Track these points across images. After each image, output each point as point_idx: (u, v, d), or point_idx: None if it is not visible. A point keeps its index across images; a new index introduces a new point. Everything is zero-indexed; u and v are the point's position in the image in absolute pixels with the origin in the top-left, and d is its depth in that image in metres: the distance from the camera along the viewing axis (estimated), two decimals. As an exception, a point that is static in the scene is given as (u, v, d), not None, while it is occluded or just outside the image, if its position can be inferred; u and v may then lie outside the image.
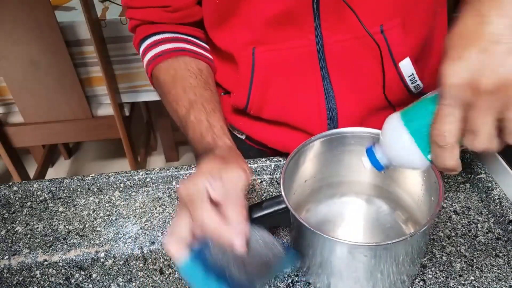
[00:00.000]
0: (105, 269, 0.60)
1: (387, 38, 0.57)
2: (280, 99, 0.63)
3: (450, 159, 0.38)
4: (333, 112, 0.63)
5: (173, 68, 0.63)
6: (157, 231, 0.62)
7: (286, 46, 0.60)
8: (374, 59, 0.59)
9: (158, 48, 0.64)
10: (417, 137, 0.40)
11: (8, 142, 1.61)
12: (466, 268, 0.54)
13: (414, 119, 0.41)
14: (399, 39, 0.57)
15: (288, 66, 0.61)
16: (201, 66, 0.65)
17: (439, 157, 0.39)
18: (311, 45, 0.59)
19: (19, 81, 1.47)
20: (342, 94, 0.62)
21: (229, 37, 0.63)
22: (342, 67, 0.60)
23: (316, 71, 0.61)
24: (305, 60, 0.60)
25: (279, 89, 0.63)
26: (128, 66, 1.58)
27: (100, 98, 1.62)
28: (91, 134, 1.67)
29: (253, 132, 0.71)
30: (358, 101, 0.62)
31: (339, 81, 0.61)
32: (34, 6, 1.31)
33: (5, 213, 0.67)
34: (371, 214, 0.61)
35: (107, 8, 1.58)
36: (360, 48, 0.59)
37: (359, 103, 0.63)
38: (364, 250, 0.45)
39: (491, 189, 0.62)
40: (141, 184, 0.70)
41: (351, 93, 0.62)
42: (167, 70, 0.63)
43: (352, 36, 0.58)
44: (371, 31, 0.56)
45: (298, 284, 0.53)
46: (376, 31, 0.57)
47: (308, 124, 0.65)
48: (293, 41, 0.59)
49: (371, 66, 0.60)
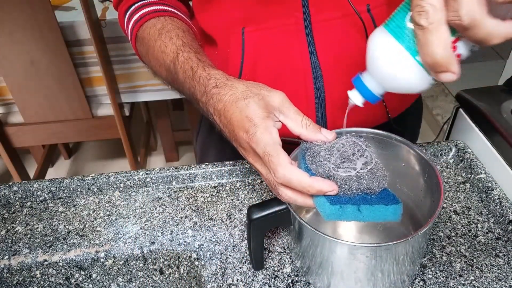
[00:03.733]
0: (105, 269, 0.60)
1: (374, 17, 0.58)
2: (269, 79, 0.64)
3: (439, 44, 0.33)
4: (321, 91, 0.63)
5: (160, 22, 0.62)
6: (157, 231, 0.62)
7: (274, 25, 0.60)
8: (361, 38, 0.59)
9: (144, 10, 0.63)
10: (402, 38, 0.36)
11: (8, 142, 1.61)
12: (466, 268, 0.54)
13: (395, 19, 0.37)
14: (385, 17, 0.58)
15: (276, 45, 0.61)
16: (189, 30, 0.65)
17: (426, 45, 0.33)
18: (298, 23, 0.59)
19: (19, 81, 1.47)
20: (329, 73, 0.62)
21: (217, 18, 0.63)
22: (329, 46, 0.61)
23: (304, 50, 0.61)
24: (293, 39, 0.60)
25: (268, 68, 0.63)
26: (128, 66, 1.58)
27: (100, 98, 1.62)
28: (91, 134, 1.67)
29: None
30: (345, 81, 0.63)
31: (326, 60, 0.61)
32: (34, 6, 1.31)
33: (5, 213, 0.67)
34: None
35: (107, 8, 1.58)
36: (347, 27, 0.59)
37: (346, 83, 0.63)
38: (365, 250, 0.45)
39: (491, 189, 0.62)
40: (141, 184, 0.70)
41: (338, 72, 0.62)
42: (153, 24, 0.62)
43: (339, 15, 0.58)
44: (358, 9, 0.56)
45: (298, 284, 0.53)
46: (363, 10, 0.57)
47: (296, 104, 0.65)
48: (281, 19, 0.59)
49: (359, 45, 0.60)
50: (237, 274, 0.55)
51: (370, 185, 0.44)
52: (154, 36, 0.61)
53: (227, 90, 0.48)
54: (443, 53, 0.33)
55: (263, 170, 0.46)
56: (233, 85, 0.48)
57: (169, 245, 0.60)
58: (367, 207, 0.44)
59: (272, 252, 0.57)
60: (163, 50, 0.58)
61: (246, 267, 0.56)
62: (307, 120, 0.47)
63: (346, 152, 0.46)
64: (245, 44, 0.61)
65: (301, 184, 0.43)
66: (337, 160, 0.46)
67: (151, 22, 0.63)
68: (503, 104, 0.68)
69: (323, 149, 0.47)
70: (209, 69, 0.52)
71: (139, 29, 0.64)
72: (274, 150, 0.43)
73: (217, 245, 0.59)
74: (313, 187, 0.43)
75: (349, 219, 0.45)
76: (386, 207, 0.44)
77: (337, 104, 0.64)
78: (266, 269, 0.55)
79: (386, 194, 0.45)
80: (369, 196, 0.45)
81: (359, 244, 0.45)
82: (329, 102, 0.63)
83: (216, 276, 0.55)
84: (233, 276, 0.55)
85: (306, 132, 0.47)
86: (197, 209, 0.65)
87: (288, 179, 0.43)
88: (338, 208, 0.44)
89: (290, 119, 0.47)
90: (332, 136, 0.47)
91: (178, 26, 0.62)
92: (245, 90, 0.47)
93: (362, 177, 0.45)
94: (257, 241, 0.51)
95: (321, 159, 0.46)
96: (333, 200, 0.44)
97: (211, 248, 0.59)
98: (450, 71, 0.34)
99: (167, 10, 0.64)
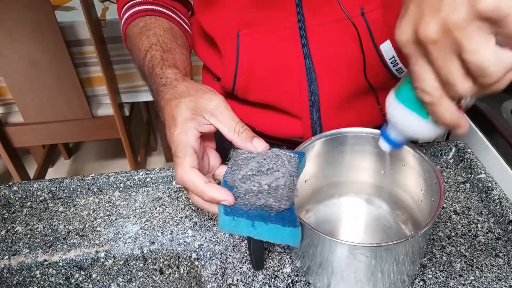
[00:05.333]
0: (105, 269, 0.60)
1: (368, 21, 0.58)
2: (264, 81, 0.64)
3: (445, 112, 0.37)
4: (315, 94, 0.63)
5: (143, 21, 0.64)
6: (157, 231, 0.62)
7: (269, 29, 0.60)
8: (355, 41, 0.59)
9: (134, 8, 0.66)
10: (412, 106, 0.41)
11: (8, 142, 1.61)
12: (466, 268, 0.54)
13: (404, 90, 0.42)
14: (379, 21, 0.58)
15: (271, 49, 0.62)
16: (175, 29, 0.66)
17: (435, 114, 0.38)
18: (293, 27, 0.60)
19: (19, 81, 1.47)
20: (324, 76, 0.62)
21: (216, 20, 0.64)
22: (324, 50, 0.61)
23: (298, 54, 0.61)
24: (288, 42, 0.61)
25: (263, 71, 0.63)
26: (128, 66, 1.58)
27: (100, 98, 1.62)
28: (91, 134, 1.67)
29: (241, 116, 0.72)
30: (339, 84, 0.63)
31: (321, 63, 0.62)
32: (34, 6, 1.31)
33: (5, 213, 0.67)
34: (371, 214, 0.61)
35: (107, 8, 1.58)
36: (341, 31, 0.59)
37: (340, 86, 0.63)
38: (365, 250, 0.45)
39: (491, 189, 0.62)
40: (141, 184, 0.70)
41: (333, 75, 0.62)
42: (137, 23, 0.64)
43: (334, 19, 0.59)
44: (352, 13, 0.56)
45: (298, 284, 0.53)
46: (357, 14, 0.57)
47: (290, 106, 0.65)
48: (276, 23, 0.60)
49: (353, 48, 0.60)
50: (237, 274, 0.55)
51: (268, 202, 0.43)
52: (136, 35, 0.63)
53: (169, 89, 0.50)
54: (451, 117, 0.37)
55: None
56: (177, 85, 0.50)
57: (169, 245, 0.60)
58: (261, 224, 0.42)
59: (272, 252, 0.57)
60: (139, 48, 0.61)
61: (246, 267, 0.56)
62: (240, 127, 0.48)
63: (262, 165, 0.46)
64: (240, 47, 0.62)
65: (195, 189, 0.44)
66: (249, 171, 0.45)
67: (136, 21, 0.65)
68: (503, 104, 0.69)
69: (243, 158, 0.47)
70: (165, 69, 0.54)
71: (127, 27, 0.66)
72: (182, 152, 0.44)
73: (217, 245, 0.59)
74: (206, 194, 0.43)
75: (243, 233, 0.43)
76: (283, 228, 0.42)
77: (331, 107, 0.64)
78: (266, 269, 0.55)
79: (289, 215, 0.43)
80: (267, 214, 0.43)
81: (359, 244, 0.45)
82: (324, 105, 0.64)
83: (216, 276, 0.55)
84: (233, 276, 0.55)
85: (236, 138, 0.47)
86: (197, 209, 0.65)
87: (184, 181, 0.44)
88: (231, 219, 0.43)
89: (223, 124, 0.47)
90: (262, 148, 0.48)
91: (159, 25, 0.63)
92: (183, 91, 0.49)
93: (262, 192, 0.43)
94: (257, 241, 0.51)
95: (236, 168, 0.46)
96: (227, 210, 0.43)
97: (211, 248, 0.59)
98: (460, 126, 0.38)
99: (156, 9, 0.66)
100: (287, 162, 0.46)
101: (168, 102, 0.48)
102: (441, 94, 0.36)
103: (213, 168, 0.51)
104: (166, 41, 0.60)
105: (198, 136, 0.46)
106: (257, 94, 0.66)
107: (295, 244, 0.43)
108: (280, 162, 0.46)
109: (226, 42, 0.63)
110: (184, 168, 0.44)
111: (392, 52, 0.59)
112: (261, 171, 0.45)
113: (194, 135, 0.46)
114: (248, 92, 0.66)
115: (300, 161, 0.48)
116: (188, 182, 0.44)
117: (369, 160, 0.58)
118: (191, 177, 0.44)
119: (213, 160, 0.51)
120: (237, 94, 0.67)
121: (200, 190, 0.44)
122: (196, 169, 0.44)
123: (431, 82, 0.36)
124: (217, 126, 0.48)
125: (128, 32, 0.66)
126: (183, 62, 0.58)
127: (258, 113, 0.69)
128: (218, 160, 0.51)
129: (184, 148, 0.45)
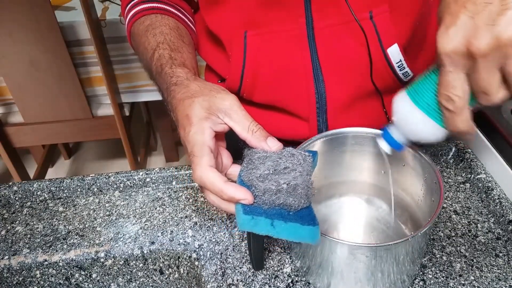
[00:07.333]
0: (105, 269, 0.60)
1: (376, 24, 0.57)
2: (271, 82, 0.64)
3: (462, 122, 0.39)
4: (322, 96, 0.63)
5: (149, 19, 0.64)
6: (157, 231, 0.62)
7: (276, 29, 0.60)
8: (363, 44, 0.59)
9: (139, 6, 0.65)
10: (428, 110, 0.41)
11: (8, 142, 1.61)
12: (466, 268, 0.54)
13: (421, 93, 0.42)
14: (387, 25, 0.58)
15: (279, 50, 0.61)
16: (180, 27, 0.66)
17: (452, 123, 0.39)
18: (301, 28, 0.59)
19: (19, 81, 1.47)
20: (331, 78, 0.62)
21: (222, 19, 0.64)
22: (331, 52, 0.61)
23: (306, 55, 0.61)
24: (295, 43, 0.60)
25: (270, 72, 0.63)
26: (128, 66, 1.58)
27: (100, 98, 1.62)
28: (91, 134, 1.67)
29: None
30: (346, 86, 0.63)
31: (328, 65, 0.62)
32: (34, 6, 1.31)
33: (5, 213, 0.67)
34: (371, 214, 0.61)
35: (107, 8, 1.58)
36: (349, 33, 0.59)
37: (347, 88, 0.63)
38: (366, 250, 0.45)
39: (491, 189, 0.62)
40: (141, 184, 0.70)
41: (340, 78, 0.62)
42: (142, 22, 0.64)
43: (342, 21, 0.58)
44: (361, 16, 0.56)
45: (298, 284, 0.53)
46: (365, 17, 0.57)
47: (297, 108, 0.65)
48: (283, 24, 0.60)
49: (360, 51, 0.60)
50: (237, 274, 0.55)
51: (287, 201, 0.43)
52: (141, 33, 0.63)
53: (181, 88, 0.50)
54: (466, 126, 0.39)
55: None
56: (189, 84, 0.50)
57: (169, 245, 0.60)
58: (280, 222, 0.42)
59: (272, 252, 0.57)
60: (146, 46, 0.60)
61: (246, 267, 0.56)
62: (254, 126, 0.47)
63: (279, 164, 0.46)
64: (247, 47, 0.61)
65: (214, 188, 0.43)
66: (266, 170, 0.45)
67: (142, 19, 0.64)
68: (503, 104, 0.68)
69: (259, 157, 0.46)
70: (175, 67, 0.53)
71: (132, 25, 0.66)
72: (199, 151, 0.44)
73: (217, 245, 0.59)
74: (225, 193, 0.43)
75: (263, 232, 0.43)
76: (302, 227, 0.42)
77: (337, 109, 0.64)
78: (266, 269, 0.55)
79: (308, 214, 0.43)
80: (286, 213, 0.43)
81: (359, 244, 0.45)
82: (331, 106, 0.64)
83: (216, 276, 0.55)
84: (233, 276, 0.55)
85: (251, 137, 0.47)
86: (197, 209, 0.65)
87: (203, 181, 0.44)
88: (251, 218, 0.43)
89: (237, 123, 0.47)
90: (276, 147, 0.47)
91: (165, 24, 0.63)
92: (196, 90, 0.48)
93: (281, 191, 0.43)
94: (257, 241, 0.51)
95: (252, 167, 0.46)
96: (246, 209, 0.43)
97: (211, 248, 0.59)
98: (470, 134, 0.40)
99: (161, 8, 0.66)
100: (302, 161, 0.46)
101: (180, 102, 0.48)
102: (464, 104, 0.38)
103: (226, 167, 0.51)
104: (173, 39, 0.60)
105: (213, 136, 0.46)
106: (263, 95, 0.66)
107: (314, 242, 0.44)
108: (296, 161, 0.46)
109: (232, 42, 0.63)
110: (203, 168, 0.43)
111: (399, 56, 0.59)
112: (277, 170, 0.45)
113: (209, 134, 0.46)
114: (254, 93, 0.66)
115: (313, 160, 0.48)
116: (207, 182, 0.43)
117: (369, 160, 0.58)
118: (210, 177, 0.43)
119: (225, 159, 0.51)
120: (242, 95, 0.66)
121: (219, 189, 0.43)
122: (214, 168, 0.44)
123: (460, 91, 0.37)
124: (231, 125, 0.47)
125: (134, 30, 0.66)
126: (191, 61, 0.58)
127: (264, 114, 0.69)
128: (230, 159, 0.51)
129: (201, 148, 0.44)
